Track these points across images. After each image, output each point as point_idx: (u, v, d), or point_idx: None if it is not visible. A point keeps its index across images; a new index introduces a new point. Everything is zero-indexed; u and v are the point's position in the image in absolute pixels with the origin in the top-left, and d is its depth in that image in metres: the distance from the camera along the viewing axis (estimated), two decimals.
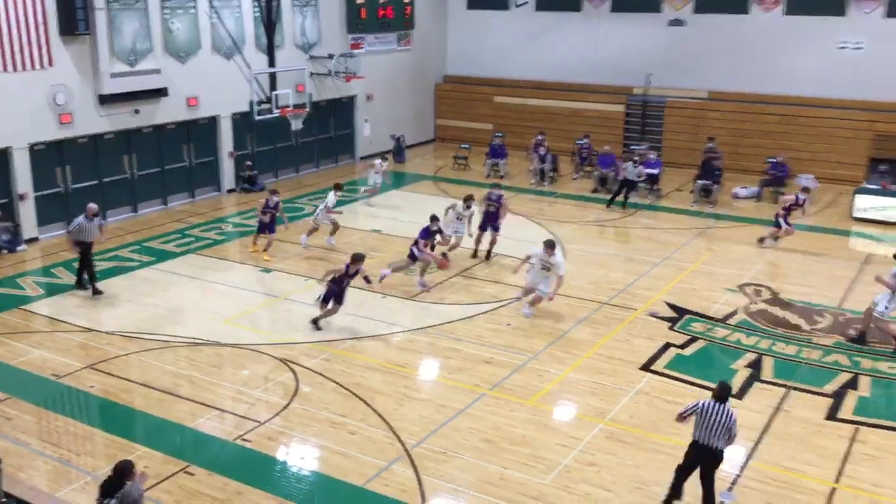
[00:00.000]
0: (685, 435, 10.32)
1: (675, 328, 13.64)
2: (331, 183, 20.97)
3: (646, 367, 12.23)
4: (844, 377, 12.00)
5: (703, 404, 8.53)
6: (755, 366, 12.30)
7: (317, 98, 23.76)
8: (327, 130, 25.40)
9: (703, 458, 8.56)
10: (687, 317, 14.07)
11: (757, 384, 11.77)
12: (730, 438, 8.50)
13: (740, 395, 11.42)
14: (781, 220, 17.67)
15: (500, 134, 25.43)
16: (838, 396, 11.43)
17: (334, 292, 13.34)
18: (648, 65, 25.66)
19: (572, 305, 14.49)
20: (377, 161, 21.88)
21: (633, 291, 15.27)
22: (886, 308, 12.76)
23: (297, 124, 22.89)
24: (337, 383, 11.64)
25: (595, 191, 22.68)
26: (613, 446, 10.14)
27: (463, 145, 25.92)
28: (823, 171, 22.57)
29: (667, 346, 12.94)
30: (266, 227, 16.81)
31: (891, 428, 10.63)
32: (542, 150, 23.74)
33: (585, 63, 26.97)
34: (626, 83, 26.30)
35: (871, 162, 22.29)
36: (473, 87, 29.08)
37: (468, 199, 16.75)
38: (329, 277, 13.42)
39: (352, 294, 13.81)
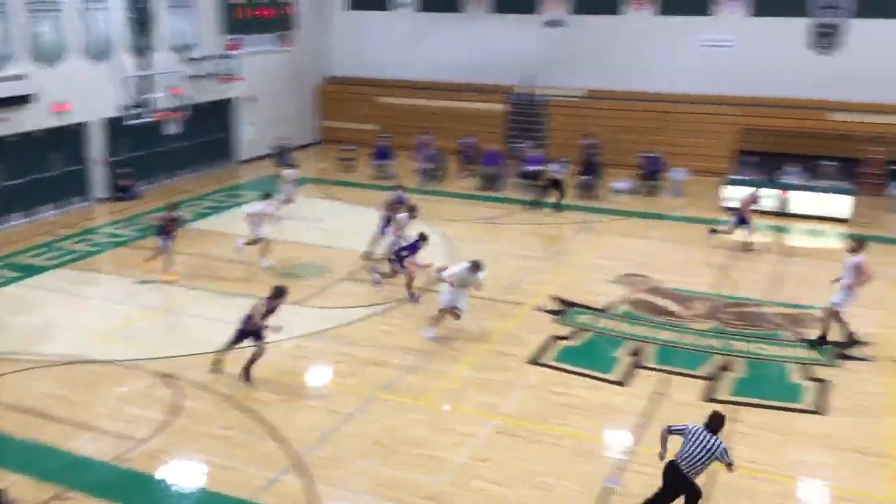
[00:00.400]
0: (574, 425, 10.60)
1: (562, 321, 13.93)
2: (209, 188, 20.50)
3: (534, 361, 12.42)
4: (720, 360, 12.54)
5: (694, 429, 8.27)
6: (637, 353, 12.70)
7: (194, 101, 23.04)
8: (204, 134, 24.65)
9: (677, 479, 8.22)
10: (573, 309, 14.39)
11: (639, 371, 12.15)
12: (709, 464, 8.17)
13: (623, 381, 11.78)
14: (740, 217, 17.87)
15: (385, 135, 25.37)
16: (714, 378, 11.93)
17: (247, 333, 11.67)
18: (529, 65, 26.14)
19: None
20: (288, 171, 20.75)
21: (521, 287, 15.51)
22: (842, 301, 12.95)
23: (172, 128, 22.11)
24: (223, 395, 11.30)
25: (481, 189, 22.93)
26: (505, 441, 10.24)
27: (347, 147, 25.72)
28: (696, 164, 23.54)
29: (554, 338, 13.19)
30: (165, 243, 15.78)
31: (763, 406, 11.16)
32: (427, 151, 23.82)
33: (468, 63, 27.25)
34: (508, 82, 26.73)
35: (738, 154, 23.41)
36: (357, 88, 28.90)
37: (412, 210, 16.19)
38: (258, 318, 11.58)
39: (238, 301, 13.42)
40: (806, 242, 19.19)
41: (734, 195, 20.62)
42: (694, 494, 8.28)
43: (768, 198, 20.34)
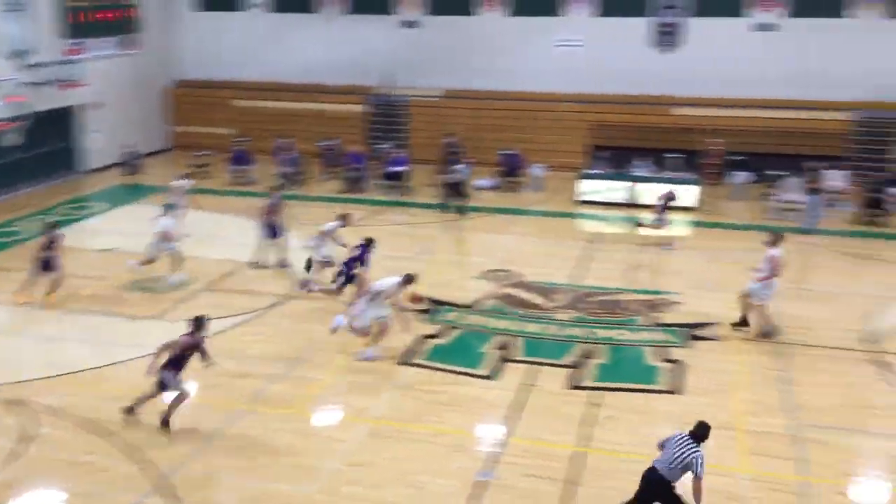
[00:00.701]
0: (446, 422, 10.67)
1: (431, 319, 14.01)
2: (54, 201, 19.31)
3: (405, 361, 12.44)
4: (583, 348, 12.97)
5: (677, 434, 8.32)
6: (505, 347, 12.95)
7: (32, 109, 21.63)
8: (46, 144, 23.19)
9: (652, 480, 8.22)
10: (441, 307, 14.50)
11: (508, 364, 12.39)
12: (691, 473, 8.04)
13: (493, 375, 11.98)
14: (658, 216, 18.31)
15: (242, 139, 24.73)
16: (579, 366, 12.33)
17: (170, 378, 10.33)
18: (387, 65, 26.17)
19: (330, 308, 14.40)
20: (180, 181, 19.01)
21: None
22: (763, 294, 13.26)
23: (10, 139, 20.69)
24: (81, 419, 10.68)
25: (343, 191, 22.76)
26: (378, 443, 10.20)
27: (202, 153, 24.91)
28: (553, 160, 24.26)
29: (424, 337, 13.25)
30: (47, 267, 14.46)
31: (625, 389, 11.63)
32: (288, 154, 23.42)
33: (326, 64, 26.98)
34: (368, 83, 26.66)
35: (591, 149, 24.31)
36: (211, 92, 28.02)
37: (343, 218, 15.52)
38: (164, 357, 10.31)
39: (89, 318, 12.71)
40: (655, 232, 20.11)
41: (588, 189, 21.39)
42: (674, 500, 8.20)
43: (620, 190, 21.25)
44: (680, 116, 24.48)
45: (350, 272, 13.97)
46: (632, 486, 9.20)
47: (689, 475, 8.13)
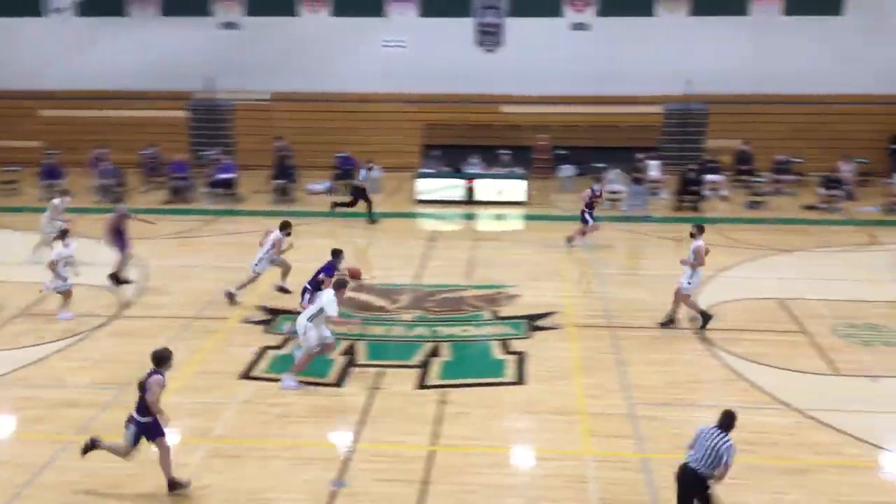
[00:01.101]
0: (294, 434, 10.32)
1: (271, 330, 13.57)
2: None
3: (246, 375, 11.95)
4: (429, 347, 12.98)
5: (703, 429, 8.09)
6: (350, 352, 12.73)
7: None
8: None
9: (687, 479, 8.02)
10: (281, 317, 14.07)
11: (354, 369, 12.18)
12: (719, 465, 7.86)
13: (339, 382, 11.74)
14: (587, 216, 17.90)
15: (52, 151, 23.02)
16: (425, 365, 12.32)
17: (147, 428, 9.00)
18: (207, 69, 25.20)
19: (161, 325, 13.64)
20: (56, 200, 17.28)
21: (223, 300, 14.85)
22: (689, 283, 13.36)
23: None
24: None
25: (168, 202, 21.70)
26: (223, 464, 9.72)
27: (7, 168, 22.99)
28: (388, 161, 24.21)
29: (265, 349, 12.80)
30: None
31: (470, 385, 11.73)
32: (104, 165, 22.03)
33: (140, 69, 25.57)
34: (187, 88, 25.56)
35: (425, 149, 24.50)
36: (14, 102, 25.94)
37: (285, 227, 14.71)
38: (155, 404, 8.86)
39: None
40: (492, 227, 20.58)
41: (425, 188, 21.54)
42: (708, 498, 8.05)
43: (455, 188, 21.54)
44: (508, 114, 25.15)
45: (315, 285, 12.63)
46: (484, 479, 9.32)
47: None
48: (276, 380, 11.75)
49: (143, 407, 8.84)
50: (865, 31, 23.95)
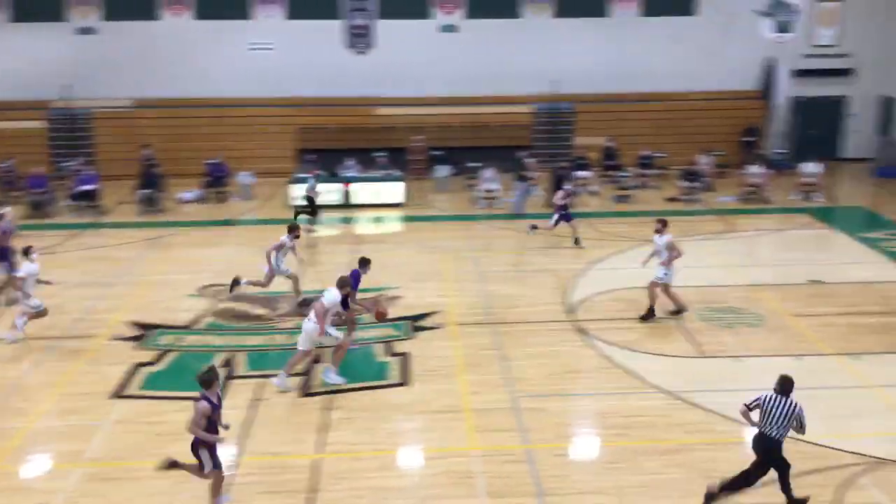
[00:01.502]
0: (173, 452, 9.95)
1: (144, 346, 13.06)
2: None
3: (118, 395, 11.46)
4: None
5: (766, 396, 8.62)
6: (228, 364, 12.42)
7: None
8: None
9: (765, 446, 8.59)
10: (154, 331, 13.57)
11: (233, 381, 11.89)
12: (800, 427, 8.57)
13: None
14: (567, 215, 17.91)
15: None
16: (308, 373, 12.16)
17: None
18: (65, 76, 24.01)
19: (24, 347, 12.89)
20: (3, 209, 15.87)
21: (92, 318, 14.19)
22: (665, 275, 13.67)
23: None
24: None
25: (29, 217, 20.50)
26: (98, 487, 9.28)
27: None
28: (261, 167, 23.76)
29: (137, 366, 12.30)
30: None
31: (356, 389, 11.66)
32: None
33: None
34: (44, 97, 24.26)
35: (299, 153, 24.17)
36: None
37: (294, 230, 14.59)
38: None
39: None
40: (371, 229, 20.53)
41: (300, 193, 21.25)
42: (784, 465, 8.63)
43: (333, 192, 21.37)
44: (383, 116, 25.14)
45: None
46: (373, 483, 9.31)
47: None
48: (152, 397, 11.33)
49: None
50: (718, 31, 25.33)
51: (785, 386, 8.66)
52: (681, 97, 25.69)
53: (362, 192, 21.83)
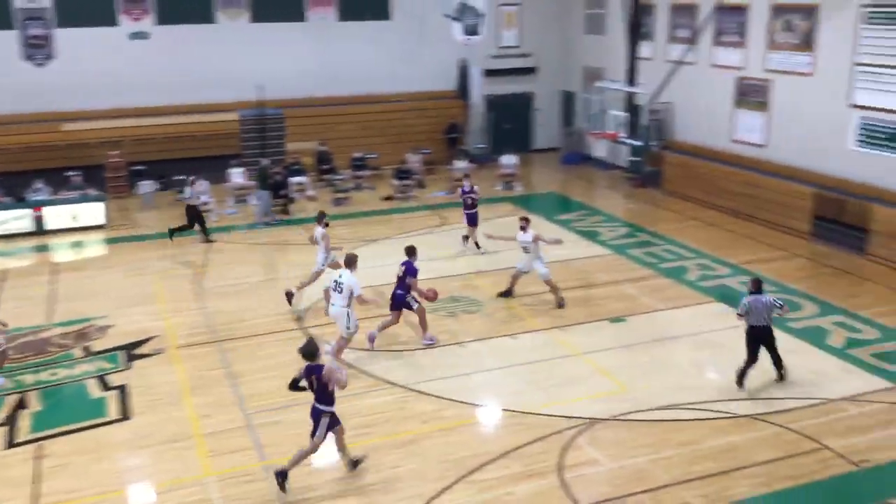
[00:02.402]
0: None
1: None
2: None
3: None
4: (13, 399, 11.46)
5: (749, 300, 11.08)
6: None
7: None
8: None
9: (759, 335, 11.13)
10: None
11: None
12: (780, 310, 11.18)
13: None
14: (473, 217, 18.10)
15: None
16: (11, 421, 10.85)
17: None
18: None
19: None
20: None
21: None
22: (528, 265, 14.64)
23: None
24: None
25: None
26: None
27: None
28: None
29: None
30: None
31: (70, 431, 10.61)
32: None
33: None
34: None
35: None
36: None
37: (321, 218, 14.75)
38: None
39: None
40: (70, 256, 18.78)
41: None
42: (773, 341, 11.26)
43: (22, 218, 19.29)
44: (73, 132, 23.08)
45: (406, 289, 12.93)
46: None
47: None
48: None
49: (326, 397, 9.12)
50: (412, 34, 26.38)
51: (757, 286, 11.22)
52: (386, 98, 26.44)
53: (56, 216, 19.90)
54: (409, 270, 12.92)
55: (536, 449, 9.98)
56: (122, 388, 11.78)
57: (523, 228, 14.75)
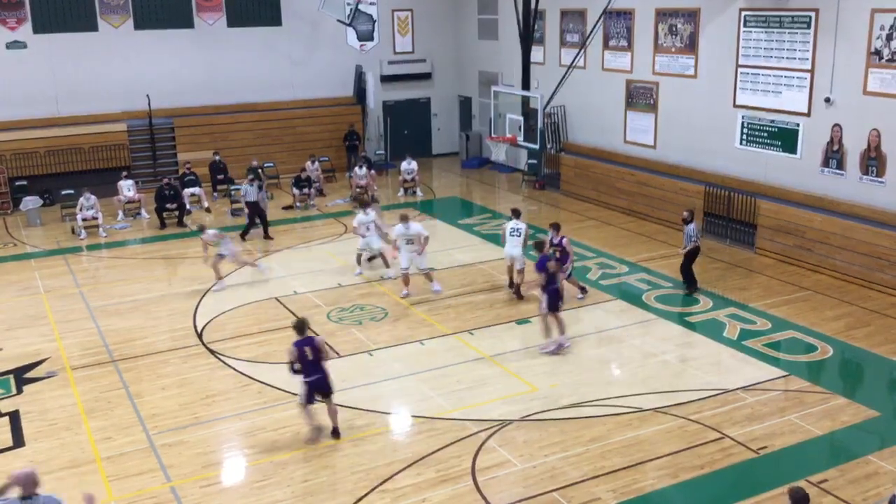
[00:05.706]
0: None
1: None
2: None
3: None
4: None
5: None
6: None
7: None
8: None
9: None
10: None
11: None
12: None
13: None
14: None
15: None
16: None
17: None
18: None
19: None
20: None
21: None
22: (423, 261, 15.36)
23: None
24: None
25: None
26: None
27: None
28: None
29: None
30: None
31: None
32: None
33: None
34: None
35: None
36: None
37: (365, 205, 16.75)
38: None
39: None
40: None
41: None
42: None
43: None
44: None
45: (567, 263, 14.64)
46: None
47: None
48: None
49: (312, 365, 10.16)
50: (304, 40, 26.04)
51: (689, 216, 14.34)
52: (281, 106, 26.00)
53: None
54: (558, 243, 14.75)
55: (449, 454, 9.98)
56: (13, 415, 11.13)
57: (403, 221, 15.27)
